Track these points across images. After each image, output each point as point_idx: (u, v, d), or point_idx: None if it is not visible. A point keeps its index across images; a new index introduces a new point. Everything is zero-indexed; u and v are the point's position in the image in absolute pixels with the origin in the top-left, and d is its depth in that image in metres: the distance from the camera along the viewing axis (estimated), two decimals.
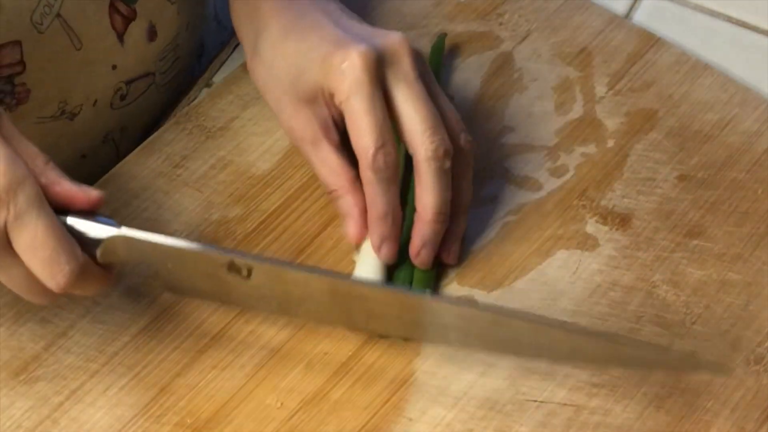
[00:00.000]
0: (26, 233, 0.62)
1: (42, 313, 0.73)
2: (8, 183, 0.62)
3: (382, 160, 0.70)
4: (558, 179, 0.80)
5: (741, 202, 0.78)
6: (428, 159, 0.70)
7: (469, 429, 0.69)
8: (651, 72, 0.85)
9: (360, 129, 0.70)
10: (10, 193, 0.62)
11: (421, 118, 0.71)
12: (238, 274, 0.67)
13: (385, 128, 0.70)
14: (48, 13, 0.74)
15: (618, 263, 0.76)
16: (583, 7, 0.89)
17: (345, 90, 0.70)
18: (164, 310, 0.73)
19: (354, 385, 0.71)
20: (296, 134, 0.75)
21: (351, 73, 0.70)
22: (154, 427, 0.69)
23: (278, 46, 0.75)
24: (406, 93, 0.71)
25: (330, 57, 0.71)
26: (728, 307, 0.74)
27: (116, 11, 0.79)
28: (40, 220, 0.62)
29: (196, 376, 0.71)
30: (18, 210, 0.62)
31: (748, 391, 0.70)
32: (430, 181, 0.71)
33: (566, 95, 0.84)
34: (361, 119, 0.70)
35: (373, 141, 0.69)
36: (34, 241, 0.62)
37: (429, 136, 0.70)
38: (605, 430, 0.69)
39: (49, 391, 0.70)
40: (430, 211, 0.71)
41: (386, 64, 0.71)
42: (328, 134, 0.74)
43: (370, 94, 0.70)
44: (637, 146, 0.81)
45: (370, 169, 0.70)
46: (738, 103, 0.83)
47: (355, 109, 0.70)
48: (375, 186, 0.71)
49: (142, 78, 0.84)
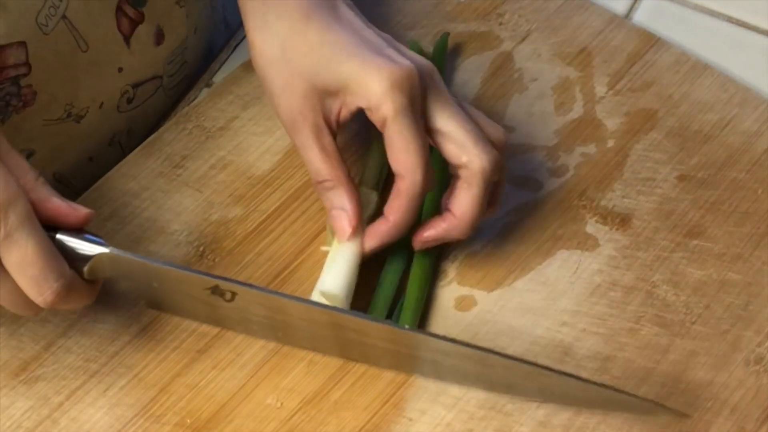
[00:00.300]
0: (16, 251, 0.63)
1: (42, 313, 0.73)
2: (0, 201, 0.62)
3: (428, 185, 0.70)
4: (558, 179, 0.80)
5: (741, 202, 0.78)
6: (482, 170, 0.70)
7: (469, 429, 0.69)
8: (651, 72, 0.85)
9: (406, 148, 0.69)
10: (1, 212, 0.62)
11: (472, 133, 0.71)
12: (221, 297, 0.69)
13: (426, 148, 0.70)
14: (53, 14, 0.74)
15: (618, 263, 0.76)
16: (583, 7, 0.89)
17: (393, 108, 0.69)
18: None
19: (354, 385, 0.71)
20: (298, 119, 0.72)
21: (403, 93, 0.69)
22: (154, 427, 0.69)
23: (298, 27, 0.72)
24: (450, 112, 0.71)
25: (370, 64, 0.70)
26: (728, 307, 0.74)
27: (124, 14, 0.79)
28: (30, 239, 0.63)
29: (196, 376, 0.71)
30: (9, 229, 0.62)
31: (748, 391, 0.70)
32: (477, 192, 0.71)
33: (566, 95, 0.84)
34: (409, 139, 0.69)
35: (420, 162, 0.69)
36: (24, 259, 0.63)
37: (482, 147, 0.70)
38: (605, 430, 0.69)
39: (49, 391, 0.70)
40: (468, 218, 0.71)
41: (426, 85, 0.71)
42: (330, 124, 0.73)
43: (417, 116, 0.70)
44: (637, 146, 0.81)
45: (413, 189, 0.70)
46: (738, 103, 0.83)
47: (404, 129, 0.69)
48: (410, 201, 0.70)
49: (150, 81, 0.84)
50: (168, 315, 0.73)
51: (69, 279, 0.65)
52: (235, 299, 0.69)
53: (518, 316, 0.73)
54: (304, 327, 0.70)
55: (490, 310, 0.74)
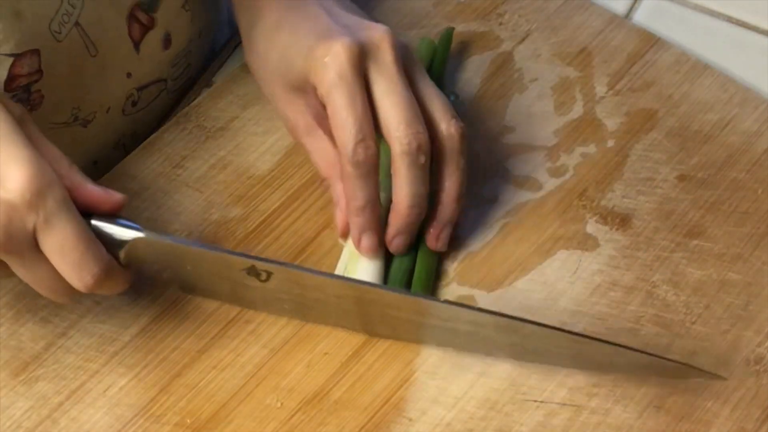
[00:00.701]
0: (56, 236, 0.63)
1: (42, 313, 0.73)
2: (38, 187, 0.62)
3: (362, 155, 0.69)
4: (558, 179, 0.80)
5: (741, 202, 0.78)
6: (402, 153, 0.70)
7: (469, 429, 0.69)
8: (651, 72, 0.85)
9: (340, 123, 0.69)
10: (40, 197, 0.62)
11: (397, 112, 0.70)
12: (257, 278, 0.69)
13: (365, 122, 0.69)
14: (66, 21, 0.73)
15: (618, 263, 0.76)
16: (583, 7, 0.89)
17: (326, 83, 0.70)
18: (164, 311, 0.73)
19: (354, 385, 0.71)
20: (290, 123, 0.76)
21: (332, 67, 0.70)
22: (154, 427, 0.69)
23: (271, 36, 0.76)
24: (385, 86, 0.71)
25: (314, 49, 0.71)
26: (728, 307, 0.74)
27: (136, 20, 0.79)
28: (69, 224, 0.63)
29: (196, 376, 0.71)
30: (47, 213, 0.63)
31: (748, 391, 0.70)
32: (403, 175, 0.71)
33: (566, 95, 0.84)
34: (341, 113, 0.69)
35: (353, 135, 0.69)
36: (64, 243, 0.63)
37: (403, 130, 0.70)
38: (605, 430, 0.69)
39: (49, 391, 0.70)
40: (403, 203, 0.71)
41: (369, 57, 0.71)
42: (321, 123, 0.74)
43: (351, 88, 0.69)
44: (637, 146, 0.81)
45: (349, 163, 0.70)
46: (738, 103, 0.83)
47: (336, 103, 0.69)
48: (354, 180, 0.70)
49: (154, 84, 0.84)
50: (168, 315, 0.73)
51: (108, 263, 0.66)
52: (270, 279, 0.69)
53: (518, 315, 0.73)
54: (334, 303, 0.70)
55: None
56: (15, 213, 0.62)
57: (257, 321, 0.73)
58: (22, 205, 0.62)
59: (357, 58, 0.70)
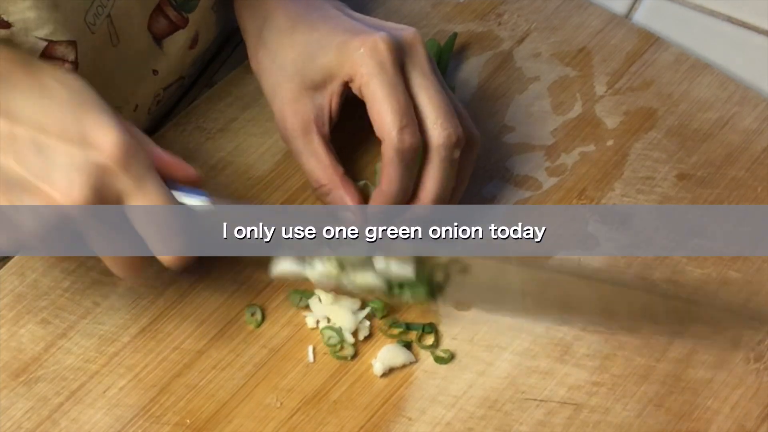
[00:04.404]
0: (143, 199, 0.62)
1: (42, 315, 0.73)
2: (128, 150, 0.62)
3: (408, 141, 0.70)
4: (557, 178, 0.80)
5: (740, 200, 0.78)
6: (439, 146, 0.71)
7: (469, 428, 0.69)
8: (650, 71, 0.85)
9: (384, 110, 0.70)
10: (132, 160, 0.62)
11: (436, 106, 0.71)
12: None
13: (408, 109, 0.70)
14: (101, 13, 0.73)
15: (618, 262, 0.76)
16: (581, 7, 0.89)
17: (366, 72, 0.70)
18: (164, 311, 0.73)
19: (354, 385, 0.71)
20: (288, 123, 0.76)
21: (372, 56, 0.70)
22: (154, 427, 0.69)
23: (285, 35, 0.76)
24: (422, 81, 0.72)
25: (348, 43, 0.71)
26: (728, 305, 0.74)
27: (163, 15, 0.79)
28: (158, 188, 0.63)
29: (196, 376, 0.71)
30: (138, 177, 0.62)
31: (748, 389, 0.70)
32: (437, 168, 0.71)
33: (565, 95, 0.84)
34: (384, 99, 0.70)
35: (397, 120, 0.70)
36: (152, 208, 0.63)
37: (442, 123, 0.71)
38: (605, 428, 0.69)
39: (49, 392, 0.70)
40: (431, 196, 0.72)
41: (404, 53, 0.72)
42: (320, 126, 0.74)
43: (393, 77, 0.70)
44: (637, 145, 0.81)
45: (393, 149, 0.70)
46: (737, 102, 0.83)
47: (378, 90, 0.70)
48: (396, 166, 0.71)
49: (176, 82, 0.84)
50: (167, 316, 0.73)
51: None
52: None
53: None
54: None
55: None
56: (107, 175, 0.61)
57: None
58: (116, 167, 0.61)
59: (396, 52, 0.71)
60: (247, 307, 0.73)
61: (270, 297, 0.74)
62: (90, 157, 0.61)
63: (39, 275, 0.74)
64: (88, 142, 0.61)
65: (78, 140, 0.61)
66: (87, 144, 0.61)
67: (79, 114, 0.62)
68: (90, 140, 0.61)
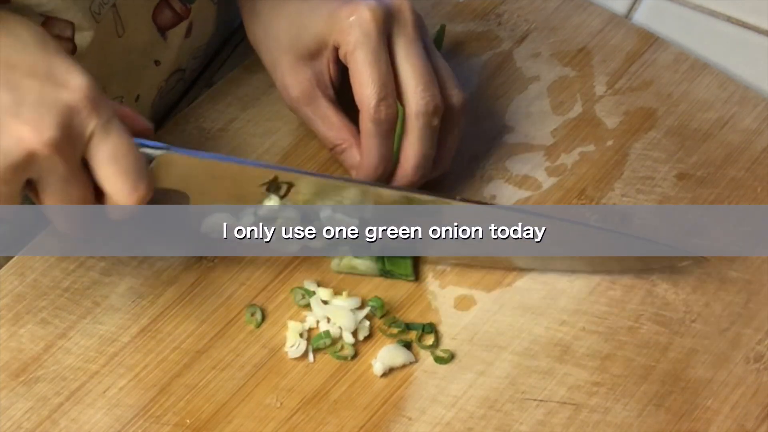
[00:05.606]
0: (111, 142, 0.63)
1: (42, 315, 0.73)
2: (95, 93, 0.62)
3: (384, 112, 0.72)
4: (557, 178, 0.80)
5: (740, 200, 0.78)
6: (418, 114, 0.72)
7: (469, 428, 0.69)
8: (650, 71, 0.85)
9: (363, 80, 0.71)
10: (100, 103, 0.62)
11: (417, 74, 0.72)
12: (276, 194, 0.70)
13: (388, 81, 0.72)
14: (106, 2, 0.73)
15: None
16: (581, 7, 0.89)
17: (352, 41, 0.72)
18: (164, 311, 0.73)
19: (353, 385, 0.71)
20: (292, 92, 0.77)
21: (359, 26, 0.71)
22: (154, 427, 0.69)
23: (277, 6, 0.77)
24: (406, 50, 0.73)
25: (337, 11, 0.73)
26: (728, 305, 0.74)
27: (169, 7, 0.79)
28: (123, 133, 0.64)
29: (196, 376, 0.71)
30: (106, 120, 0.63)
31: (748, 389, 0.70)
32: (416, 135, 0.73)
33: (565, 94, 0.84)
34: (365, 70, 0.71)
35: (375, 92, 0.71)
36: (119, 149, 0.63)
37: (421, 92, 0.72)
38: (605, 428, 0.69)
39: (49, 392, 0.70)
40: (411, 162, 0.73)
41: (392, 21, 0.73)
42: (325, 90, 0.76)
43: (376, 47, 0.71)
44: (636, 145, 0.81)
45: (370, 120, 0.72)
46: (737, 102, 0.83)
47: (360, 60, 0.71)
48: (373, 137, 0.72)
49: (175, 74, 0.84)
50: (167, 316, 0.73)
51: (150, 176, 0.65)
52: (289, 194, 0.70)
53: (518, 315, 0.73)
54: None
55: (490, 309, 0.74)
56: (76, 115, 0.62)
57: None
58: (85, 107, 0.62)
59: (382, 20, 0.72)
60: (247, 307, 0.73)
61: (270, 297, 0.74)
62: (60, 96, 0.62)
63: (39, 275, 0.74)
64: (58, 82, 0.62)
65: (48, 79, 0.62)
66: (57, 84, 0.62)
67: (47, 56, 0.62)
68: (60, 81, 0.62)
